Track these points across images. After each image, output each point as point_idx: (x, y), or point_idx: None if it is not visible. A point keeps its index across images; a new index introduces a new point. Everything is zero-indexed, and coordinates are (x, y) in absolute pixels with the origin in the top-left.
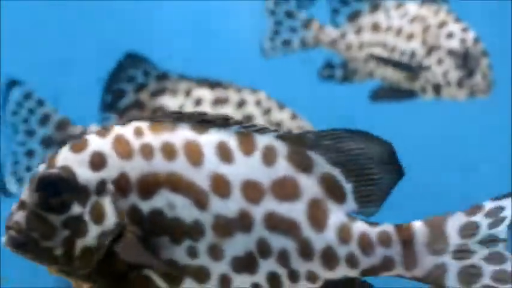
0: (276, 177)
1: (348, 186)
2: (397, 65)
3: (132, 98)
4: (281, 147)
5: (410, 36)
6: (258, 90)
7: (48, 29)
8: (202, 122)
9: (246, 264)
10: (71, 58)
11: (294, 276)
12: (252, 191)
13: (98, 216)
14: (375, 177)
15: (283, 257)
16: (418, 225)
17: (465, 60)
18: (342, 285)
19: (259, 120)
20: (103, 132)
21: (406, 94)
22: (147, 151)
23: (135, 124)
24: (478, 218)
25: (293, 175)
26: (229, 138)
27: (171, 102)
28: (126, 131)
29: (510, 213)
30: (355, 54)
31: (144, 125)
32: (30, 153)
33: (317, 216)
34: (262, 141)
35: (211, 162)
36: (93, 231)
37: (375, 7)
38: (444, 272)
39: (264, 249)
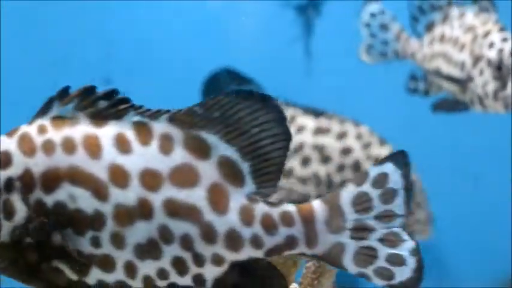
0: (174, 164)
1: (245, 167)
2: (446, 77)
3: None
4: (177, 134)
5: (462, 47)
6: (360, 124)
7: (47, 28)
8: (99, 115)
9: (149, 250)
10: (71, 57)
11: (199, 260)
12: (151, 179)
13: (9, 213)
14: (267, 149)
15: (186, 242)
16: (317, 204)
17: (499, 71)
18: (248, 266)
19: (358, 155)
20: (11, 132)
21: (463, 106)
22: (48, 147)
23: (39, 122)
24: (367, 188)
25: (191, 161)
26: (127, 130)
27: None
28: (31, 129)
29: (400, 185)
30: (427, 66)
31: (47, 122)
32: None
33: (218, 200)
34: (158, 129)
35: (110, 153)
36: (6, 228)
37: (445, 17)
38: (341, 252)
39: (166, 235)
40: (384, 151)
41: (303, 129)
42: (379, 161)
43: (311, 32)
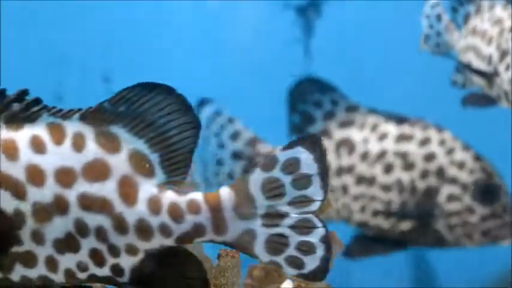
0: (86, 161)
1: (154, 157)
2: (473, 70)
3: (321, 125)
4: (88, 131)
5: (489, 40)
6: (443, 129)
7: (46, 26)
8: (14, 119)
9: (67, 244)
10: (70, 55)
11: (114, 251)
12: (65, 176)
13: None
14: (176, 139)
15: (100, 234)
16: (224, 191)
17: None
18: (161, 254)
19: (442, 161)
20: None
21: (491, 101)
22: None
23: None
24: (277, 173)
25: (102, 156)
26: (41, 131)
27: (356, 135)
28: None
29: (314, 169)
30: (462, 59)
31: None
32: (219, 162)
33: (127, 191)
34: (70, 128)
35: (26, 155)
36: None
37: (478, 8)
38: (252, 239)
39: (81, 228)
40: (468, 156)
41: (385, 136)
42: (288, 145)
43: (311, 32)
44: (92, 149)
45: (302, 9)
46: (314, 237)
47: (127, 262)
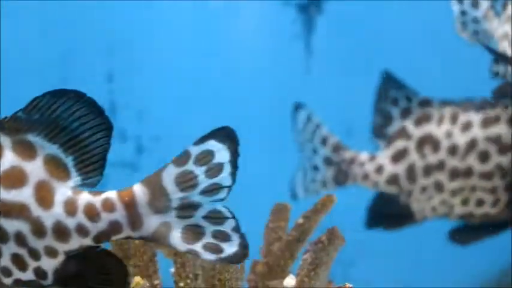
0: (4, 169)
1: (69, 161)
2: (504, 59)
3: (398, 124)
4: (5, 141)
5: None
6: None
7: (50, 23)
8: None
9: None
10: (74, 52)
11: (34, 254)
12: None
13: None
14: (88, 141)
15: (20, 239)
16: (137, 187)
17: None
18: (81, 255)
19: None
20: None
21: None
22: None
23: None
24: (190, 166)
25: (19, 164)
26: None
27: (438, 130)
28: None
29: (226, 158)
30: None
31: None
32: (315, 168)
33: (44, 196)
34: None
35: None
36: None
37: None
38: (168, 231)
39: (2, 235)
40: None
41: (470, 125)
42: (201, 140)
43: (312, 30)
44: (9, 158)
45: (303, 6)
46: (227, 227)
47: (48, 264)
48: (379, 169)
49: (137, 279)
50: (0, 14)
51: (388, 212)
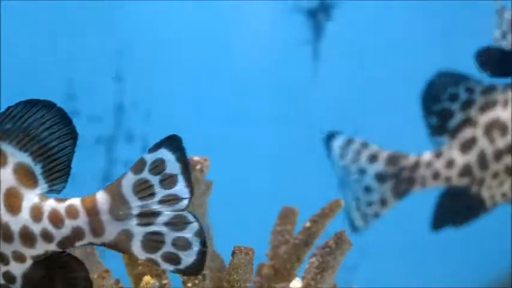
0: None
1: (37, 169)
2: None
3: (461, 116)
4: None
5: None
6: None
7: (57, 23)
8: None
9: None
10: (82, 52)
11: (3, 259)
12: None
13: None
14: (56, 150)
15: None
16: (99, 194)
17: None
18: (47, 259)
19: None
20: None
21: None
22: None
23: None
24: (146, 174)
25: None
26: None
27: (504, 113)
28: None
29: (178, 170)
30: None
31: None
32: (367, 189)
33: (12, 202)
34: None
35: None
36: None
37: None
38: (129, 239)
39: None
40: None
41: None
42: (154, 147)
43: (320, 35)
44: None
45: (312, 12)
46: (189, 233)
47: (17, 269)
48: (450, 163)
49: (147, 278)
50: (1, 13)
51: (457, 207)
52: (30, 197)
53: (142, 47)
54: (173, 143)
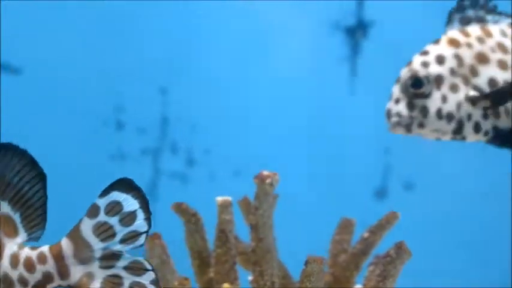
0: None
1: (16, 217)
2: None
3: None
4: None
5: None
6: None
7: (105, 37)
8: None
9: None
10: (128, 65)
11: None
12: None
13: None
14: (29, 195)
15: None
16: (64, 241)
17: None
18: None
19: None
20: None
21: None
22: None
23: None
24: (103, 217)
25: None
26: None
27: None
28: None
29: (136, 205)
30: None
31: None
32: None
33: None
34: None
35: None
36: None
37: None
38: (91, 281)
39: None
40: None
41: None
42: (104, 192)
43: (358, 52)
44: None
45: (350, 30)
46: (145, 280)
47: None
48: None
49: (226, 285)
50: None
51: None
52: (11, 246)
53: (188, 61)
54: (124, 184)
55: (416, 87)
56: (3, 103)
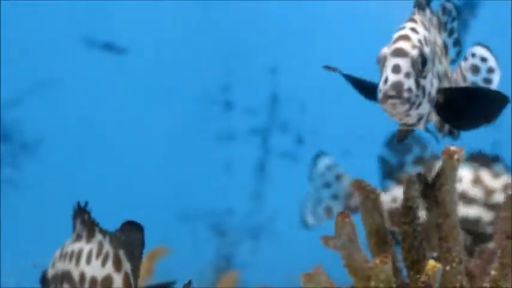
0: None
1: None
2: None
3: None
4: None
5: None
6: None
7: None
8: None
9: None
10: (239, 45)
11: None
12: None
13: None
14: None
15: None
16: None
17: None
18: None
19: None
20: None
21: None
22: None
23: None
24: None
25: None
26: None
27: None
28: None
29: None
30: None
31: None
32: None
33: None
34: None
35: None
36: None
37: None
38: None
39: None
40: None
41: None
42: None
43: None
44: None
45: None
46: None
47: None
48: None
49: (432, 262)
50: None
51: None
52: None
53: (298, 41)
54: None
55: (423, 66)
56: (110, 83)
